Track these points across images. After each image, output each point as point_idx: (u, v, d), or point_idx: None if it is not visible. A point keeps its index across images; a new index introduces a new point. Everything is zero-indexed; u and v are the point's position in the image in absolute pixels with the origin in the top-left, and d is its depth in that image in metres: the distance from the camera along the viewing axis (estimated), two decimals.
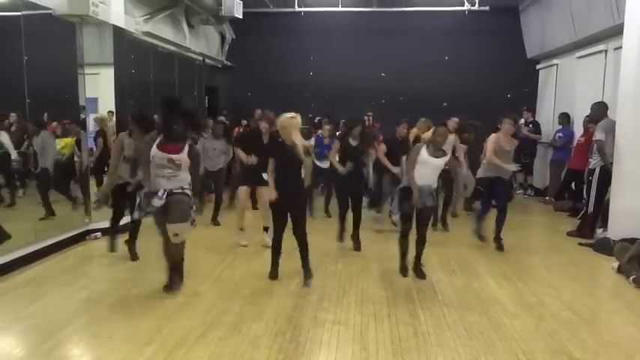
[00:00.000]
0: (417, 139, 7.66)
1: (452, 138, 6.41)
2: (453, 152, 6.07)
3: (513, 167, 5.93)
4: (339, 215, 5.91)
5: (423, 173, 4.72)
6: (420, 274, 4.87)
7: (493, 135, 5.91)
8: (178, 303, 4.19)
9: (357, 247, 5.82)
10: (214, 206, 7.15)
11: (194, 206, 4.29)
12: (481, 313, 4.08)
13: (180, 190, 4.16)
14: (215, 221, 7.04)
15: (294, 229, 4.65)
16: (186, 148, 4.17)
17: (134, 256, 5.31)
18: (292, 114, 4.67)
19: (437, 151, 4.77)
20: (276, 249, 4.75)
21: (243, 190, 5.86)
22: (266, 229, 5.75)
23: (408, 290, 4.59)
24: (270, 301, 4.27)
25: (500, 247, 5.79)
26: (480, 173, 5.92)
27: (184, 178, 4.21)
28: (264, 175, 5.39)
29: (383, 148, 6.38)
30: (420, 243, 4.84)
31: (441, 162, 4.78)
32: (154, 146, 4.13)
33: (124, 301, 4.24)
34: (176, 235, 4.17)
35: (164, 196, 4.11)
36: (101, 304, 4.16)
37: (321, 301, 4.29)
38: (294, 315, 4.00)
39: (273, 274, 4.78)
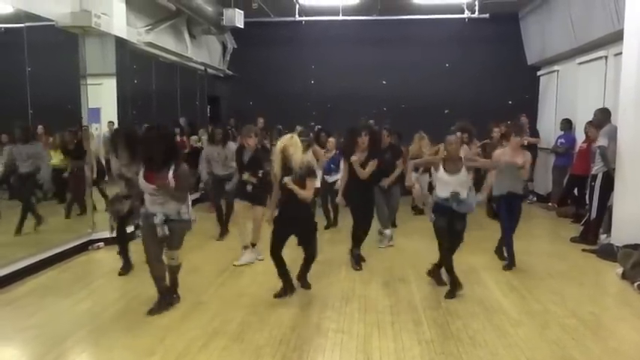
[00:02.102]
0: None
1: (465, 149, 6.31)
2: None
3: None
4: (355, 236, 5.57)
5: (445, 192, 4.56)
6: (439, 279, 4.84)
7: (498, 152, 5.63)
8: (180, 313, 4.18)
9: (357, 262, 5.49)
10: (225, 217, 6.85)
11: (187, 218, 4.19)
12: (485, 320, 4.06)
13: (177, 218, 4.06)
14: (224, 231, 6.79)
15: (303, 250, 4.51)
16: (170, 171, 3.98)
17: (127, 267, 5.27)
18: (289, 135, 4.44)
19: (454, 163, 4.56)
20: (278, 263, 4.49)
21: (240, 206, 5.61)
22: (253, 245, 5.59)
23: (411, 298, 4.57)
24: (273, 310, 4.25)
25: (502, 258, 5.70)
26: (494, 191, 5.53)
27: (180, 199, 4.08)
28: (249, 187, 5.40)
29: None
30: (449, 256, 4.65)
31: (462, 178, 4.54)
32: (140, 177, 4.06)
33: (126, 312, 4.24)
34: (173, 258, 4.22)
35: (164, 225, 3.99)
36: (103, 315, 4.16)
37: (324, 310, 4.28)
38: (297, 324, 3.99)
39: (287, 289, 4.49)
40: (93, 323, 3.99)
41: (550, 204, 8.93)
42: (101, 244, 6.17)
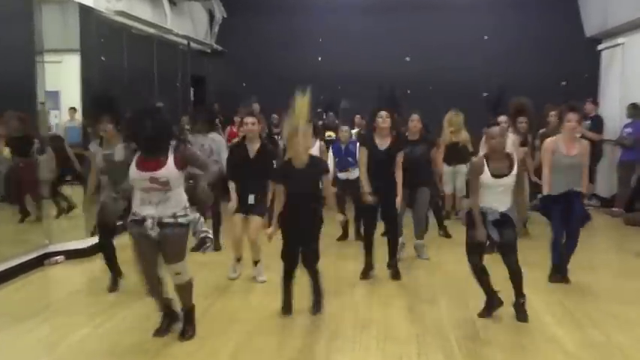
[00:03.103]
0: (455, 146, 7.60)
1: (512, 138, 6.27)
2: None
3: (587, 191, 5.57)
4: (365, 240, 5.67)
5: (487, 199, 4.51)
6: (521, 314, 4.63)
7: (549, 140, 5.57)
8: (161, 342, 4.17)
9: (396, 274, 5.63)
10: (214, 227, 6.72)
11: (200, 229, 4.17)
12: (534, 354, 4.03)
13: (172, 220, 3.97)
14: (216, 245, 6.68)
15: (303, 263, 4.63)
16: (171, 157, 3.95)
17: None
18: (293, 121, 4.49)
19: (499, 162, 4.50)
20: (287, 280, 4.71)
21: (237, 219, 5.49)
22: (255, 262, 5.58)
23: (441, 325, 4.54)
24: (271, 339, 4.24)
25: (566, 280, 5.63)
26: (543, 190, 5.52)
27: (178, 200, 4.01)
28: (251, 198, 5.32)
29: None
30: (512, 275, 4.57)
31: (509, 181, 4.50)
32: (133, 166, 3.97)
33: (93, 339, 4.24)
34: (178, 273, 4.07)
35: (155, 226, 3.93)
36: (65, 343, 4.15)
37: (334, 339, 4.26)
38: (301, 357, 3.97)
39: (286, 308, 4.72)
40: (50, 355, 3.98)
41: (615, 208, 8.87)
42: (60, 257, 6.19)
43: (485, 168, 4.50)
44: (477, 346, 4.14)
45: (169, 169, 3.93)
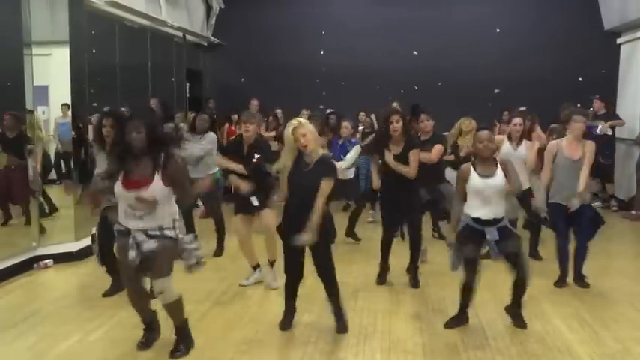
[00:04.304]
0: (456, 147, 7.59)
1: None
2: None
3: (587, 190, 5.56)
4: (383, 245, 5.71)
5: (480, 209, 4.49)
6: (518, 320, 4.69)
7: (552, 143, 5.66)
8: (154, 352, 4.18)
9: (416, 282, 5.69)
10: (219, 231, 6.85)
11: (188, 248, 4.06)
12: None
13: (158, 233, 3.89)
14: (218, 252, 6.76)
15: (313, 260, 4.52)
16: (158, 175, 3.84)
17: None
18: (295, 120, 4.44)
19: (487, 165, 4.50)
20: (290, 291, 4.62)
21: (238, 220, 5.55)
22: (272, 262, 5.57)
23: (450, 335, 4.54)
24: (271, 350, 4.25)
25: (584, 284, 5.64)
26: (549, 196, 5.56)
27: (166, 213, 3.93)
28: (254, 200, 5.34)
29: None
30: (517, 281, 4.58)
31: (498, 182, 4.46)
32: (118, 182, 3.86)
33: (83, 348, 4.24)
34: (161, 292, 3.93)
35: (136, 249, 3.82)
36: (53, 352, 4.16)
37: (337, 350, 4.26)
38: None
39: (286, 323, 4.63)
40: None
41: (634, 212, 8.88)
42: (49, 261, 6.20)
43: (472, 171, 4.50)
44: (487, 357, 4.14)
45: (156, 188, 3.83)
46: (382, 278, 5.75)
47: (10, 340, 4.39)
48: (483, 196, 4.47)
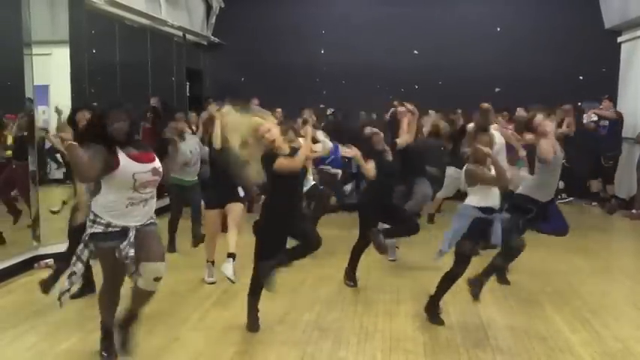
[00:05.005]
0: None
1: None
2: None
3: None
4: (356, 245, 5.65)
5: (487, 196, 4.52)
6: (477, 289, 4.68)
7: (545, 143, 5.35)
8: (152, 353, 4.17)
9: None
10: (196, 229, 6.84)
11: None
12: None
13: (153, 220, 3.84)
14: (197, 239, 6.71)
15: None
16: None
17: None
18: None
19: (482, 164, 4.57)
20: (255, 291, 4.55)
21: (210, 215, 5.67)
22: (231, 255, 5.40)
23: (450, 334, 4.54)
24: (270, 349, 4.25)
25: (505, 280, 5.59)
26: (527, 190, 5.34)
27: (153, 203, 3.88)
28: (240, 191, 5.50)
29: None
30: (506, 249, 4.64)
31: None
32: (125, 159, 3.62)
33: (83, 347, 4.24)
34: (158, 278, 3.74)
35: (129, 249, 3.65)
36: (53, 352, 4.16)
37: (337, 349, 4.26)
38: None
39: (252, 325, 4.56)
40: None
41: (635, 211, 8.88)
42: (50, 261, 6.19)
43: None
44: (488, 356, 4.14)
45: (158, 162, 3.81)
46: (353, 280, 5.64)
47: (10, 340, 4.39)
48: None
